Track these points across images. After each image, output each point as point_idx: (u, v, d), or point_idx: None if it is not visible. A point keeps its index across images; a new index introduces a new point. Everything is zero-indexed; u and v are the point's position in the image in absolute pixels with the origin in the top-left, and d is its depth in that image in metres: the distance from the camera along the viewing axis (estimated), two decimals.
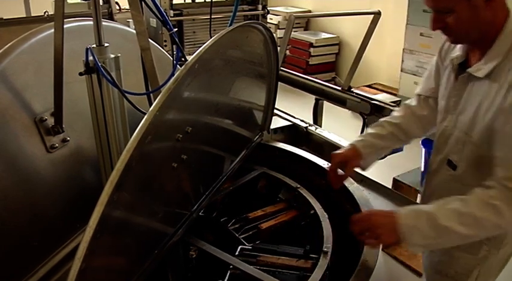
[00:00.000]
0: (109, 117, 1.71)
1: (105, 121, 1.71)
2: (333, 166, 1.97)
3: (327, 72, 7.72)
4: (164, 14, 1.66)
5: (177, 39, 1.68)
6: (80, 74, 1.67)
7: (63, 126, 1.85)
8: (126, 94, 1.68)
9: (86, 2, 4.81)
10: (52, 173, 1.86)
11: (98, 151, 1.80)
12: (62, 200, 1.89)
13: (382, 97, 3.21)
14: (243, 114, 2.33)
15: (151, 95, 1.73)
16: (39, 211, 1.81)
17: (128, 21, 4.21)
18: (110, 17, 4.54)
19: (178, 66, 1.74)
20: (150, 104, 1.65)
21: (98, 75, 1.65)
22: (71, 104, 1.88)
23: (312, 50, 7.50)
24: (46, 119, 1.82)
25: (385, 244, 1.83)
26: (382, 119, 2.06)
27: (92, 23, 1.69)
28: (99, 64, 1.61)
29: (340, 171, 1.98)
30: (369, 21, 3.32)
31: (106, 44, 1.69)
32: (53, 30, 1.71)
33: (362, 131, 3.21)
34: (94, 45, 1.68)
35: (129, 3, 1.62)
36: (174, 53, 1.77)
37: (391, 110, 3.03)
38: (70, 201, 1.90)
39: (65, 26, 1.72)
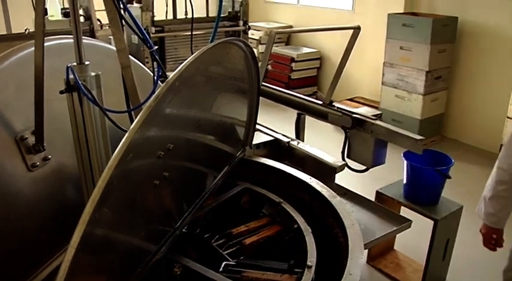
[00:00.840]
0: (90, 135, 1.70)
1: (86, 139, 1.71)
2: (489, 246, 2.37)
3: (308, 86, 7.76)
4: (144, 32, 1.66)
5: (157, 57, 1.69)
6: (61, 92, 1.66)
7: (44, 144, 1.84)
8: (107, 112, 1.68)
9: (67, 19, 4.81)
10: (34, 191, 1.84)
11: (80, 169, 1.79)
12: (45, 218, 1.88)
13: (364, 111, 3.24)
14: (225, 130, 2.33)
15: (132, 112, 1.73)
16: (22, 229, 1.79)
17: (110, 38, 4.21)
18: (92, 34, 4.53)
19: (159, 83, 1.74)
20: (132, 122, 1.65)
21: (78, 94, 1.65)
22: (52, 122, 1.87)
23: (293, 64, 7.55)
24: (27, 138, 1.81)
25: None
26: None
27: (72, 40, 1.69)
28: (80, 83, 1.61)
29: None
30: (349, 36, 3.36)
31: (87, 62, 1.69)
32: (33, 48, 1.71)
33: (344, 145, 3.23)
34: (75, 64, 1.68)
35: (109, 21, 1.63)
36: (155, 70, 1.77)
37: (372, 124, 3.06)
38: (52, 219, 1.89)
39: (45, 44, 1.72)
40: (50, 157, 1.89)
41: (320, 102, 3.44)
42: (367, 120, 3.09)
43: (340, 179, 2.82)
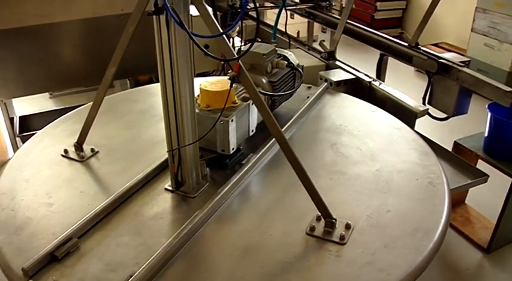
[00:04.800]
0: (175, 59, 1.70)
1: (171, 63, 1.71)
2: None
3: (392, 28, 7.46)
4: None
5: None
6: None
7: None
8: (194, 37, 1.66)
9: None
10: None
11: (162, 94, 1.80)
12: None
13: (451, 56, 3.06)
14: None
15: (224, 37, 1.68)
16: None
17: None
18: None
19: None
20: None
21: (166, 16, 1.64)
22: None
23: (378, 4, 7.25)
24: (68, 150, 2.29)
25: None
26: None
27: None
28: (168, 5, 1.59)
29: None
30: None
31: None
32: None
33: (426, 91, 3.11)
34: None
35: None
36: None
37: (459, 70, 2.90)
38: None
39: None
40: (97, 149, 2.31)
41: (405, 44, 3.29)
42: (454, 66, 2.94)
43: (417, 125, 2.73)
